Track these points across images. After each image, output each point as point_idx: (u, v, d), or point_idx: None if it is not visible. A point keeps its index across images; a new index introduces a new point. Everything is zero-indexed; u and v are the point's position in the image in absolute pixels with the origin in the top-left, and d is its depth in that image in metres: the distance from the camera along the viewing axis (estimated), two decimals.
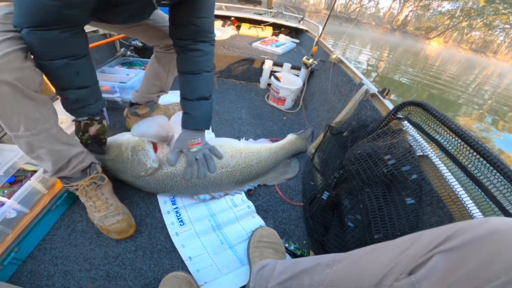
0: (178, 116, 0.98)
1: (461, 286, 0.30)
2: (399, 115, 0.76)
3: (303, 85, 1.72)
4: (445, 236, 0.33)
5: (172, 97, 1.41)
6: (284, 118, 1.58)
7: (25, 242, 0.71)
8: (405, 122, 0.75)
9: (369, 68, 8.90)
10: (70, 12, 0.57)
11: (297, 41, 2.56)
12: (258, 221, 0.90)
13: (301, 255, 0.81)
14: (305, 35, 2.61)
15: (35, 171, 0.80)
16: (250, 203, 0.96)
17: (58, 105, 0.71)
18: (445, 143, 0.62)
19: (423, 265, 0.34)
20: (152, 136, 0.88)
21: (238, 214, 0.91)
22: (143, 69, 1.52)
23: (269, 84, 1.89)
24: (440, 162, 0.64)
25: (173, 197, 0.95)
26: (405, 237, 0.40)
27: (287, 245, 0.82)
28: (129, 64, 1.61)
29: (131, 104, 1.16)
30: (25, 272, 0.69)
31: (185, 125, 0.89)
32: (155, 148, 0.91)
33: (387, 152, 0.61)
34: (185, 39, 0.84)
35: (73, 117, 0.76)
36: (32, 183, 0.74)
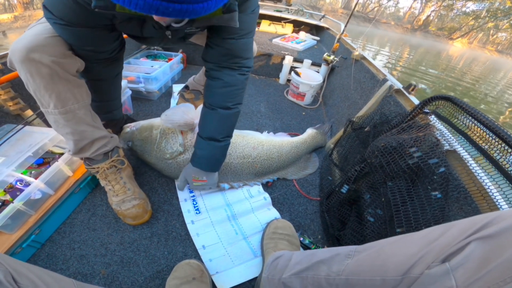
0: None
1: (498, 273, 0.29)
2: (426, 109, 0.74)
3: (323, 81, 1.70)
4: (482, 224, 0.32)
5: None
6: (303, 113, 1.57)
7: (46, 224, 0.73)
8: (432, 116, 0.73)
9: (388, 66, 8.68)
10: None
11: (318, 38, 2.53)
12: (273, 213, 0.89)
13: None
14: (326, 33, 2.58)
15: (62, 154, 0.83)
16: (267, 195, 0.95)
17: None
18: (476, 137, 0.59)
19: (457, 253, 0.32)
20: (175, 122, 0.88)
21: (254, 205, 0.91)
22: (167, 62, 1.56)
23: (288, 80, 1.89)
24: (469, 156, 0.61)
25: None
26: (433, 228, 0.38)
27: (301, 238, 0.81)
28: (154, 57, 1.66)
29: (186, 87, 1.25)
30: (43, 255, 0.71)
31: (191, 159, 0.83)
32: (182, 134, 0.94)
33: (412, 145, 0.59)
34: (209, 62, 0.74)
35: None
36: (59, 164, 0.76)
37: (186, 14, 0.41)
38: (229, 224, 0.85)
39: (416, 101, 0.88)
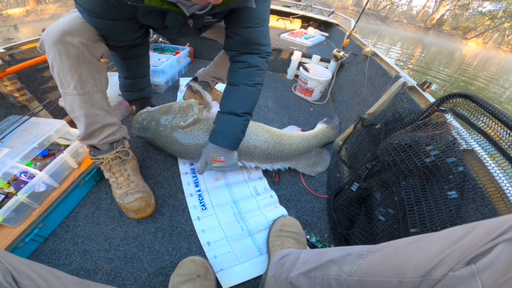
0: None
1: None
2: (442, 107, 0.71)
3: (332, 77, 1.68)
4: (509, 225, 0.30)
5: None
6: (311, 109, 1.55)
7: (50, 218, 0.72)
8: (448, 115, 0.70)
9: (399, 64, 8.54)
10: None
11: (327, 34, 2.49)
12: (280, 211, 0.87)
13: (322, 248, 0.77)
14: (335, 29, 2.53)
15: (68, 146, 0.82)
16: (273, 193, 0.94)
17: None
18: (496, 137, 0.56)
19: (484, 255, 0.30)
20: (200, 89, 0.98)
21: (260, 204, 0.89)
22: (174, 55, 1.56)
23: (296, 76, 1.86)
24: (487, 156, 0.58)
25: (196, 179, 0.95)
26: (454, 228, 0.36)
27: (308, 236, 0.79)
28: (161, 50, 1.65)
29: (194, 79, 1.25)
30: (45, 250, 0.70)
31: (210, 136, 0.83)
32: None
33: (429, 142, 0.56)
34: (231, 50, 0.82)
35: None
36: (65, 156, 0.76)
37: None
38: (235, 220, 0.83)
39: (432, 99, 0.85)
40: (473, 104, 0.62)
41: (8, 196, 0.69)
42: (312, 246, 0.78)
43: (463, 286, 0.30)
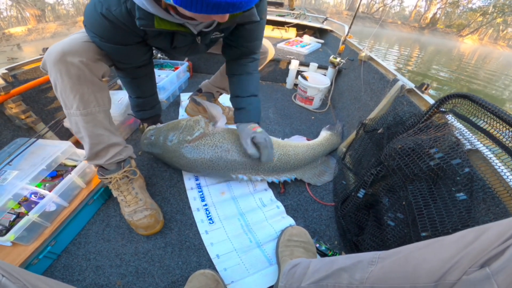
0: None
1: None
2: (442, 108, 0.71)
3: (331, 84, 1.69)
4: None
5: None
6: (312, 117, 1.55)
7: (61, 236, 0.73)
8: (449, 115, 0.70)
9: (398, 67, 8.58)
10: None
11: (322, 41, 2.52)
12: (288, 220, 0.87)
13: (333, 256, 0.77)
14: (330, 35, 2.56)
15: (75, 166, 0.84)
16: (279, 203, 0.94)
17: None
18: (498, 135, 0.56)
19: (497, 257, 0.30)
20: (211, 108, 1.01)
21: (267, 215, 0.90)
22: (173, 71, 1.57)
23: (295, 84, 1.87)
24: (492, 155, 0.58)
25: (202, 193, 0.95)
26: (465, 231, 0.36)
27: (318, 245, 0.79)
28: (160, 66, 1.67)
29: (199, 90, 1.29)
30: (59, 266, 0.71)
31: (239, 119, 0.93)
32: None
33: (432, 145, 0.56)
34: (232, 59, 0.93)
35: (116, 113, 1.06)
36: (72, 177, 0.77)
37: (241, 6, 0.51)
38: (243, 232, 0.84)
39: (431, 101, 0.85)
40: (473, 103, 0.62)
41: (19, 216, 0.71)
42: (323, 254, 0.78)
43: None
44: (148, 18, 0.60)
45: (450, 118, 0.70)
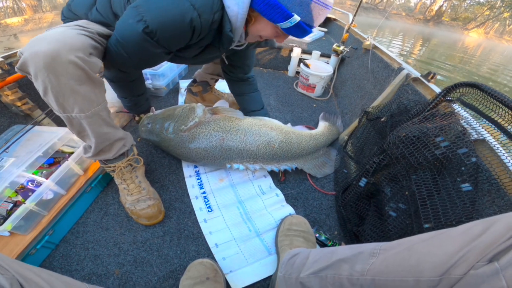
0: (221, 102, 1.29)
1: None
2: (449, 97, 0.69)
3: (334, 72, 1.66)
4: None
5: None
6: (314, 105, 1.54)
7: (59, 225, 0.72)
8: (456, 105, 0.68)
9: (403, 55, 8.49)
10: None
11: (325, 30, 2.47)
12: (288, 209, 0.86)
13: (332, 246, 0.76)
14: (334, 24, 2.51)
15: (72, 153, 0.82)
16: (279, 191, 0.93)
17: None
18: (507, 125, 0.54)
19: (507, 251, 0.29)
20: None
21: (266, 203, 0.89)
22: None
23: (297, 72, 1.85)
24: (499, 146, 0.57)
25: (201, 181, 0.94)
26: (472, 223, 0.35)
27: (317, 235, 0.78)
28: None
29: (193, 80, 1.28)
30: (57, 256, 0.70)
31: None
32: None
33: (438, 134, 0.55)
34: (236, 74, 1.04)
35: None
36: (70, 163, 0.76)
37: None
38: (242, 221, 0.83)
39: (437, 89, 0.83)
40: (481, 93, 0.61)
41: (16, 205, 0.70)
42: (322, 244, 0.77)
43: (486, 285, 0.29)
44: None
45: (457, 107, 0.68)
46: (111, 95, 0.98)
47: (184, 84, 1.50)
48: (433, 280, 0.34)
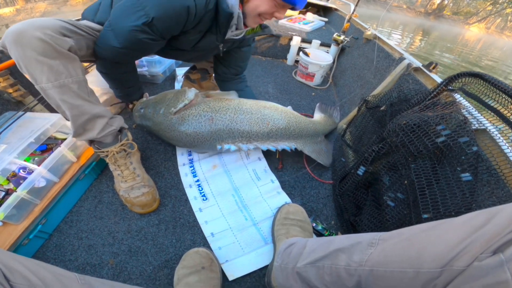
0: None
1: None
2: (450, 87, 0.68)
3: (333, 61, 1.65)
4: None
5: None
6: (313, 94, 1.53)
7: (52, 213, 0.71)
8: (457, 94, 0.67)
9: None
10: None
11: (326, 19, 2.43)
12: (283, 197, 0.86)
13: (329, 236, 0.76)
14: (334, 14, 2.48)
15: (66, 139, 0.80)
16: (274, 177, 0.91)
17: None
18: (509, 115, 0.54)
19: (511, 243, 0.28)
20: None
21: (262, 190, 0.87)
22: None
23: (296, 61, 1.83)
24: (501, 136, 0.56)
25: (193, 168, 0.92)
26: (473, 213, 0.33)
27: (314, 224, 0.77)
28: None
29: (192, 67, 1.27)
30: (51, 246, 0.69)
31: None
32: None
33: (439, 122, 0.53)
34: (227, 75, 1.06)
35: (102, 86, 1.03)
36: (62, 150, 0.74)
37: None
38: (238, 209, 0.82)
39: (439, 80, 0.82)
40: (484, 83, 0.59)
41: (8, 193, 0.68)
42: (319, 234, 0.77)
43: (490, 277, 0.28)
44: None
45: (458, 97, 0.67)
46: (102, 83, 0.96)
47: (180, 71, 1.47)
48: (433, 272, 0.32)
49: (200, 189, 0.87)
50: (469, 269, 0.30)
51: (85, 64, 1.12)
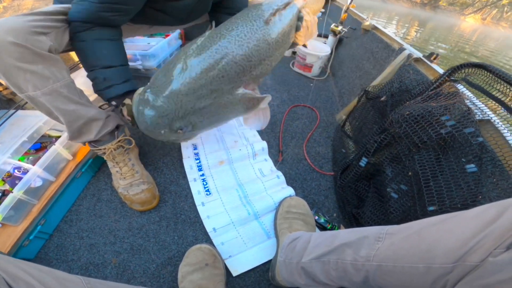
0: None
1: None
2: (453, 77, 0.67)
3: (331, 52, 1.64)
4: None
5: None
6: (311, 84, 1.52)
7: (51, 213, 0.69)
8: (460, 85, 0.66)
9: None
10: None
11: (323, 10, 2.40)
12: (288, 191, 0.84)
13: (331, 229, 0.75)
14: (331, 5, 2.44)
15: (60, 137, 0.77)
16: (280, 173, 0.91)
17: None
18: None
19: None
20: None
21: (267, 185, 0.87)
22: (164, 38, 1.48)
23: (293, 52, 1.82)
24: (504, 127, 0.55)
25: (200, 162, 0.91)
26: (484, 207, 0.33)
27: (316, 217, 0.77)
28: (150, 34, 1.56)
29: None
30: (52, 247, 0.68)
31: None
32: None
33: (443, 112, 0.53)
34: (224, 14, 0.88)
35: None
36: (57, 148, 0.72)
37: None
38: (241, 204, 0.81)
39: (440, 70, 0.81)
40: (487, 73, 0.59)
41: (5, 194, 0.66)
42: (321, 227, 0.76)
43: (504, 273, 0.27)
44: None
45: (461, 87, 0.67)
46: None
47: None
48: (445, 268, 0.32)
49: (205, 183, 0.85)
50: (484, 265, 0.29)
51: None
